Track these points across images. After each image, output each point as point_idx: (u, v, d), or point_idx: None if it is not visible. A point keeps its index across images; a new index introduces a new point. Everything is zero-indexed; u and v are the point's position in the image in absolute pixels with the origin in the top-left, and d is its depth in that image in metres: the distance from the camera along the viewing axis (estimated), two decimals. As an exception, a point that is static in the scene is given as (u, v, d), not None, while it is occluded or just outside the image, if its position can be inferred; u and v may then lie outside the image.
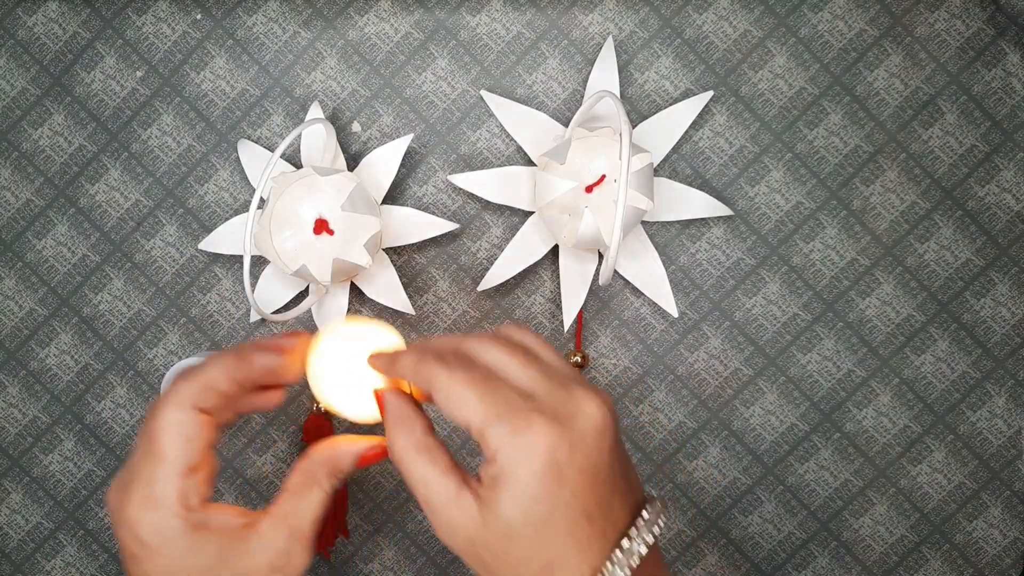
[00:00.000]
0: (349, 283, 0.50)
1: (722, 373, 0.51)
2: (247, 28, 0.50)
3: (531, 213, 0.50)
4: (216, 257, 0.52)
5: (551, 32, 0.50)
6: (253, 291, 0.49)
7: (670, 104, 0.50)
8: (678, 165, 0.50)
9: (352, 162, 0.50)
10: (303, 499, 0.36)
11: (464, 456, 0.52)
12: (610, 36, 0.49)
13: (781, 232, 0.50)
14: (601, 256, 0.49)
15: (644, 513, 0.34)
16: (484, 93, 0.50)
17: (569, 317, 0.49)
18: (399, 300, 0.49)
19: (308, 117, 0.49)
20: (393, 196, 0.51)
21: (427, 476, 0.34)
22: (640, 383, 0.51)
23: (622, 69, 0.50)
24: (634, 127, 0.49)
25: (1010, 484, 0.51)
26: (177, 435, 0.35)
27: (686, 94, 0.50)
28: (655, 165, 0.49)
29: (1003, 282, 0.50)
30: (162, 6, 0.50)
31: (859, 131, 0.50)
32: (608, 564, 0.32)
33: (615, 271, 0.50)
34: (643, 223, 0.50)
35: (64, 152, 0.52)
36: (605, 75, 0.49)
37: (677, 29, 0.49)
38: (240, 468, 0.52)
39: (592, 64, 0.49)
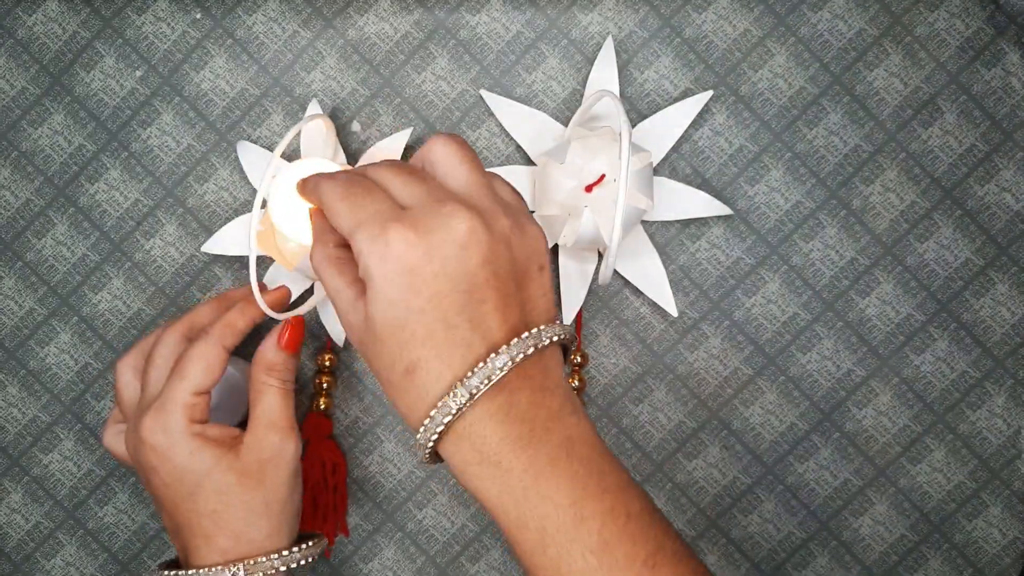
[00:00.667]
0: None
1: (722, 372, 0.51)
2: (247, 27, 0.50)
3: (531, 212, 0.50)
4: (217, 257, 0.51)
5: (551, 32, 0.50)
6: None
7: (669, 104, 0.50)
8: (678, 164, 0.50)
9: (352, 160, 0.50)
10: (263, 402, 0.44)
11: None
12: (609, 36, 0.49)
13: (781, 231, 0.50)
14: (601, 255, 0.49)
15: (525, 333, 0.34)
16: (483, 93, 0.50)
17: (568, 316, 0.49)
18: None
19: (307, 114, 0.49)
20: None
21: (335, 284, 0.36)
22: (640, 383, 0.51)
23: (622, 69, 0.50)
24: (633, 127, 0.49)
25: (1010, 483, 0.51)
26: (203, 362, 0.43)
27: (686, 93, 0.50)
28: (655, 165, 0.49)
29: (1003, 281, 0.50)
30: (162, 5, 0.50)
31: (859, 130, 0.50)
32: (469, 373, 0.33)
33: (615, 270, 0.50)
34: (643, 222, 0.50)
35: (63, 151, 0.52)
36: (605, 75, 0.49)
37: (677, 28, 0.49)
38: (240, 468, 0.52)
39: (592, 63, 0.49)
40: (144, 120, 0.51)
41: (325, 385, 0.51)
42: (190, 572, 0.42)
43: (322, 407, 0.51)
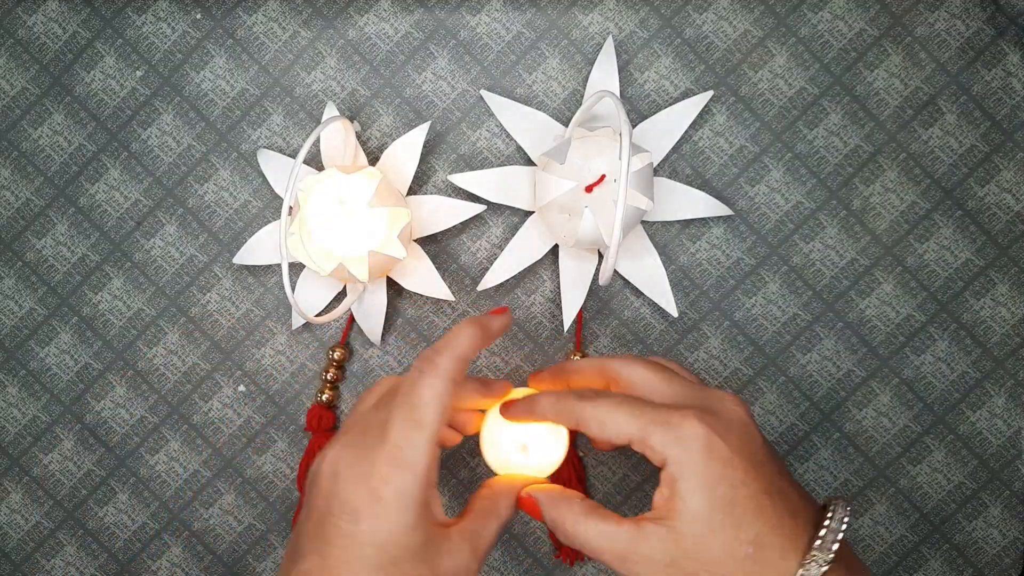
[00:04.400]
0: (385, 278, 0.50)
1: (722, 373, 0.51)
2: (247, 28, 0.50)
3: (531, 213, 0.50)
4: (216, 257, 0.51)
5: (551, 32, 0.50)
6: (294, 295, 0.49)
7: (670, 104, 0.50)
8: (678, 165, 0.50)
9: (372, 161, 0.50)
10: (486, 524, 0.38)
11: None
12: (610, 36, 0.49)
13: (781, 232, 0.50)
14: (601, 256, 0.49)
15: (828, 510, 0.36)
16: (484, 93, 0.50)
17: (569, 317, 0.49)
18: (438, 289, 0.49)
19: (324, 117, 0.49)
20: (393, 196, 0.51)
21: (607, 531, 0.36)
22: (640, 383, 0.51)
23: (622, 69, 0.50)
24: (634, 127, 0.49)
25: (1010, 484, 0.51)
26: (439, 406, 0.36)
27: (686, 94, 0.50)
28: (655, 165, 0.49)
29: (1003, 282, 0.50)
30: (162, 5, 0.50)
31: (859, 131, 0.50)
32: (817, 540, 0.34)
33: (615, 271, 0.50)
34: (643, 223, 0.50)
35: (64, 151, 0.52)
36: (605, 75, 0.49)
37: (677, 29, 0.49)
38: (240, 468, 0.52)
39: (592, 64, 0.49)
40: (144, 120, 0.51)
41: (332, 378, 0.51)
42: None
43: (326, 399, 0.51)
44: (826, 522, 0.35)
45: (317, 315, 0.50)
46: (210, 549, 0.53)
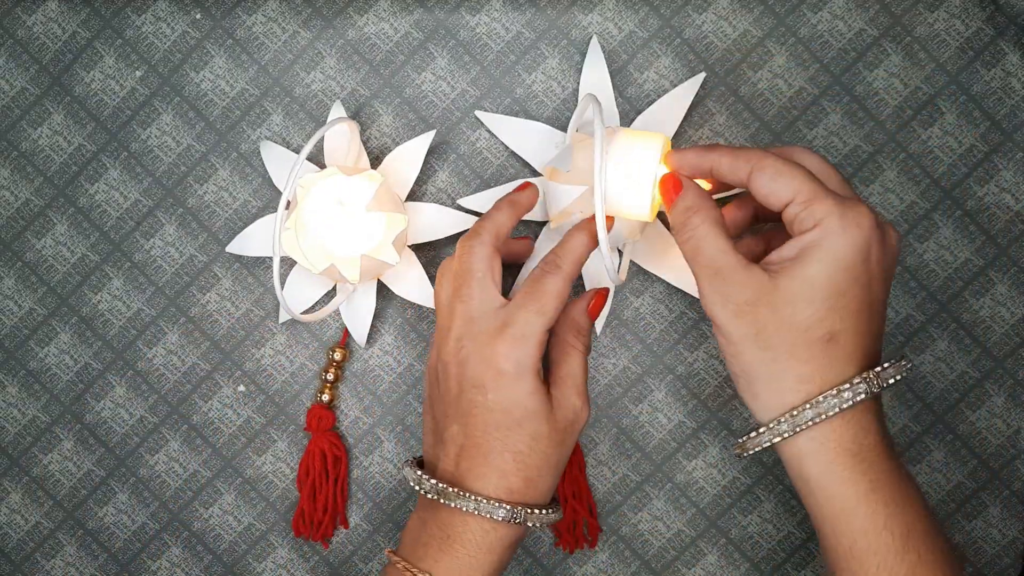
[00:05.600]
0: (376, 281, 0.50)
1: (722, 372, 0.51)
2: (247, 28, 0.50)
3: (544, 223, 0.49)
4: (217, 257, 0.51)
5: (551, 32, 0.50)
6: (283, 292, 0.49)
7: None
8: (678, 165, 0.50)
9: (375, 163, 0.50)
10: (570, 362, 0.43)
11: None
12: (594, 36, 0.49)
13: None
14: (620, 253, 0.49)
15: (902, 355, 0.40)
16: (479, 113, 0.50)
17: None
18: (426, 297, 0.49)
19: (330, 116, 0.49)
20: (393, 196, 0.51)
21: (722, 245, 0.38)
22: (640, 383, 0.51)
23: (622, 69, 0.50)
24: (630, 123, 0.49)
25: (1009, 484, 0.51)
26: (561, 300, 0.42)
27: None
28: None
29: (1002, 282, 0.50)
30: (161, 5, 0.50)
31: (858, 131, 0.50)
32: (884, 365, 0.37)
33: (637, 264, 0.49)
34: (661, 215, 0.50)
35: (63, 151, 0.52)
36: (594, 76, 0.49)
37: (677, 29, 0.49)
38: (240, 468, 0.53)
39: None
40: (144, 120, 0.51)
41: (332, 378, 0.51)
42: (474, 496, 0.41)
43: (326, 399, 0.51)
44: (891, 360, 0.38)
45: (304, 312, 0.50)
46: (210, 549, 0.53)
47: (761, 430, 0.38)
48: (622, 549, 0.52)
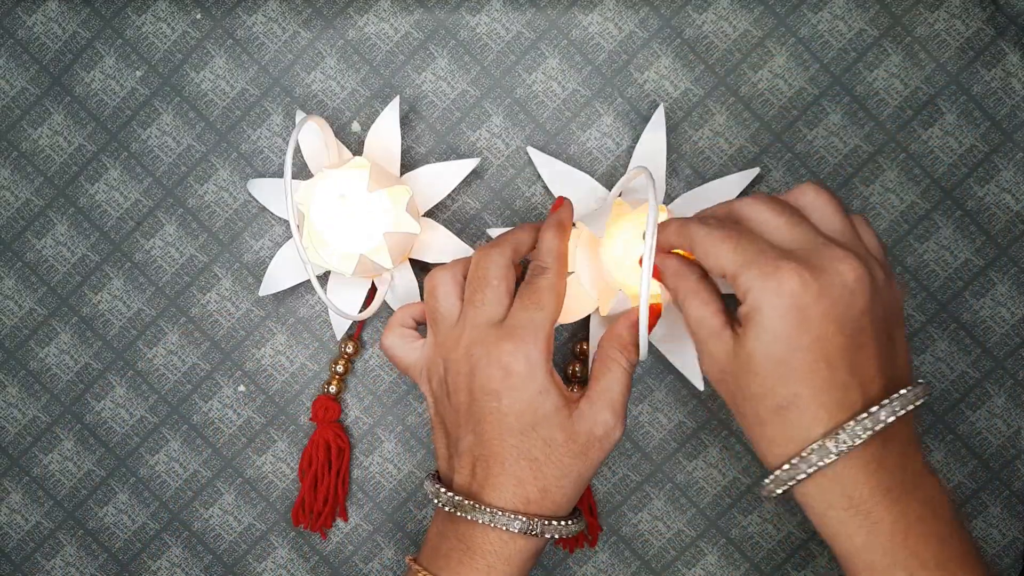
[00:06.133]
0: (408, 261, 0.50)
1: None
2: (247, 28, 0.50)
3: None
4: (217, 257, 0.52)
5: (551, 32, 0.50)
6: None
7: (670, 105, 0.50)
8: (678, 165, 0.50)
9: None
10: (609, 377, 0.42)
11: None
12: (661, 105, 0.48)
13: (781, 232, 0.50)
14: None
15: (904, 390, 0.36)
16: (531, 151, 0.49)
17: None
18: (462, 251, 0.49)
19: (298, 123, 0.49)
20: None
21: (700, 314, 0.38)
22: (640, 383, 0.51)
23: (622, 69, 0.50)
24: (675, 195, 0.49)
25: (1009, 484, 0.51)
26: (557, 294, 0.42)
27: (686, 94, 0.50)
28: None
29: (1002, 282, 0.50)
30: (162, 5, 0.50)
31: (859, 131, 0.50)
32: (852, 421, 0.35)
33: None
34: None
35: (63, 152, 0.52)
36: (654, 141, 0.48)
37: (677, 29, 0.49)
38: (240, 468, 0.53)
39: (592, 65, 0.49)
40: (144, 120, 0.51)
41: (342, 370, 0.51)
42: (490, 509, 0.40)
43: (333, 391, 0.51)
44: (872, 408, 0.35)
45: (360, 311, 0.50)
46: (210, 549, 0.53)
47: (764, 481, 0.38)
48: (622, 549, 0.52)
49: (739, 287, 0.36)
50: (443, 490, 0.42)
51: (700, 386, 0.48)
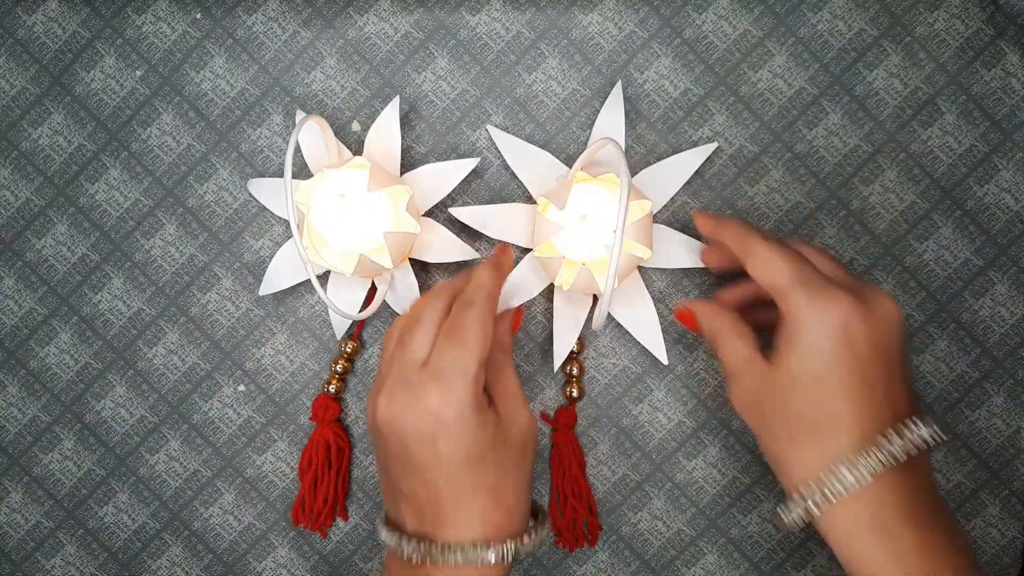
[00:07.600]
0: (408, 260, 0.50)
1: (722, 373, 0.51)
2: (247, 27, 0.50)
3: (530, 249, 0.49)
4: (217, 257, 0.52)
5: (551, 32, 0.50)
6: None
7: (670, 105, 0.50)
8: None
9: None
10: (505, 378, 0.44)
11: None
12: (619, 81, 0.49)
13: (780, 232, 0.50)
14: (595, 299, 0.49)
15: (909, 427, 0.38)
16: (491, 128, 0.49)
17: (558, 359, 0.49)
18: (462, 251, 0.49)
19: (298, 122, 0.49)
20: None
21: (735, 345, 0.41)
22: (639, 382, 0.51)
23: (622, 69, 0.50)
24: (636, 173, 0.49)
25: (1008, 483, 0.51)
26: (483, 331, 0.41)
27: (686, 94, 0.50)
28: (655, 212, 0.49)
29: (1002, 282, 0.50)
30: (162, 5, 0.50)
31: (858, 131, 0.50)
32: (887, 440, 0.37)
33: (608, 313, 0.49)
34: (640, 268, 0.50)
35: (63, 151, 0.52)
36: (612, 119, 0.48)
37: (677, 29, 0.49)
38: (240, 467, 0.53)
39: (591, 64, 0.49)
40: (144, 120, 0.51)
41: (341, 370, 0.51)
42: (460, 548, 0.39)
43: (333, 391, 0.51)
44: (912, 426, 0.37)
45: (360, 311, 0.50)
46: (210, 548, 0.53)
47: (782, 507, 0.39)
48: (622, 548, 0.52)
49: (789, 303, 0.38)
50: (407, 539, 0.40)
51: (664, 360, 0.49)
